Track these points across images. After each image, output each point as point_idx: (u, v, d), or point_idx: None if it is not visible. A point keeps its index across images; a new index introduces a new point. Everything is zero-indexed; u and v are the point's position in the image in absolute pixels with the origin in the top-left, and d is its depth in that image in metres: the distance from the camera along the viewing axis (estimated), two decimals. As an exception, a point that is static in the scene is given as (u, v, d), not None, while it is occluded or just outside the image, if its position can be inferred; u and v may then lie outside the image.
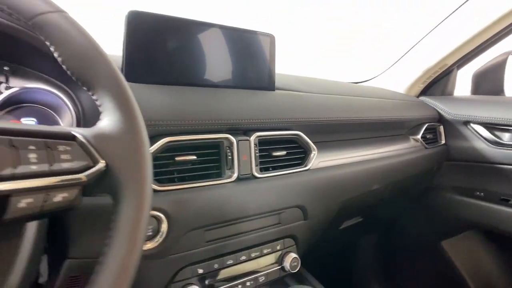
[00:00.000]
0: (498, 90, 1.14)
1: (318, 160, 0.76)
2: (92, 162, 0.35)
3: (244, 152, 0.65)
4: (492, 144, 1.05)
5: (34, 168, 0.32)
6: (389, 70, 1.24)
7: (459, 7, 1.01)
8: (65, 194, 0.34)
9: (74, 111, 0.60)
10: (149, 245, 0.54)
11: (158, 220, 0.54)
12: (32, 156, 0.32)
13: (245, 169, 0.65)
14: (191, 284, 0.60)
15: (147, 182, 0.37)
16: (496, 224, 1.05)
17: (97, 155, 0.35)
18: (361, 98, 0.96)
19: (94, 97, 0.38)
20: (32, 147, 0.32)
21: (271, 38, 0.79)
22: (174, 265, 0.58)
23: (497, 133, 1.06)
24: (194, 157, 0.60)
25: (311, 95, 0.83)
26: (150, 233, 0.54)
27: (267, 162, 0.69)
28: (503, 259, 1.12)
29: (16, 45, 0.53)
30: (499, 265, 1.12)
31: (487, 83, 1.14)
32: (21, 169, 0.31)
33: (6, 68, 0.55)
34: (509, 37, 1.04)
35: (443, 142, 1.14)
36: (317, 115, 0.78)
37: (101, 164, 0.35)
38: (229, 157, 0.63)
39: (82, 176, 0.34)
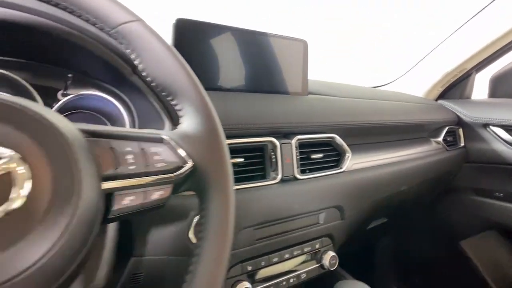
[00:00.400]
0: (515, 93, 1.17)
1: (352, 162, 0.79)
2: (181, 162, 0.37)
3: (286, 154, 0.68)
4: (511, 145, 1.08)
5: (132, 168, 0.34)
6: (406, 75, 1.27)
7: (479, 12, 1.05)
8: (161, 192, 0.36)
9: (127, 116, 0.62)
10: (205, 243, 0.57)
11: (214, 220, 0.57)
12: (130, 157, 0.35)
13: (288, 171, 0.68)
14: (241, 280, 0.62)
15: (230, 179, 0.39)
16: None
17: (185, 156, 0.38)
18: (387, 102, 0.99)
19: (173, 102, 0.40)
20: (128, 149, 0.35)
21: (304, 44, 0.82)
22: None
23: (517, 135, 1.09)
24: (242, 160, 0.63)
25: (342, 99, 0.86)
26: (207, 232, 0.57)
27: (304, 165, 0.72)
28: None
29: (80, 53, 0.56)
30: (520, 264, 1.15)
31: (505, 86, 1.18)
32: (121, 170, 0.34)
33: (69, 75, 0.58)
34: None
35: (462, 144, 1.17)
36: (350, 118, 0.81)
37: (189, 164, 0.38)
38: (273, 160, 0.66)
39: (173, 175, 0.37)
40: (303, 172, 0.71)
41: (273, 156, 0.67)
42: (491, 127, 1.12)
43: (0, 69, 0.54)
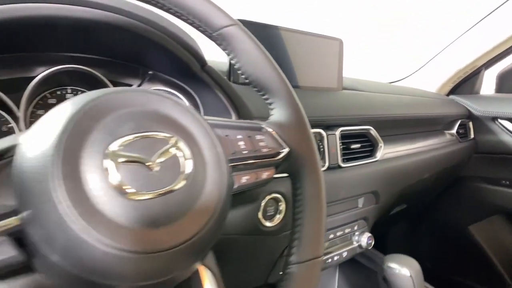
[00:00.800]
0: (520, 89, 1.26)
1: (384, 151, 0.87)
2: (279, 148, 0.44)
3: (331, 144, 0.75)
4: (518, 137, 1.18)
5: (245, 153, 0.41)
6: (419, 71, 1.35)
7: (491, 12, 1.13)
8: (268, 173, 0.43)
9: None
10: (270, 224, 0.63)
11: (277, 202, 0.64)
12: (241, 143, 0.41)
13: (333, 160, 0.75)
14: None
15: (319, 161, 0.46)
16: None
17: (282, 142, 0.44)
18: (408, 97, 1.07)
19: (265, 96, 0.47)
20: (239, 137, 0.41)
21: (340, 42, 0.89)
22: (285, 241, 0.68)
23: (523, 127, 1.18)
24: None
25: (373, 94, 0.93)
26: (272, 213, 0.64)
27: (344, 154, 0.79)
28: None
29: (154, 51, 0.61)
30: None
31: (511, 82, 1.27)
32: (237, 154, 0.40)
33: (150, 72, 0.63)
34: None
35: (472, 136, 1.26)
36: (382, 112, 0.89)
37: (286, 149, 0.44)
38: (321, 149, 0.73)
39: (276, 159, 0.43)
40: (344, 161, 0.79)
41: (321, 146, 0.73)
42: (499, 120, 1.21)
43: (81, 66, 0.59)
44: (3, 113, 0.57)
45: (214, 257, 0.44)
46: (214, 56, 0.70)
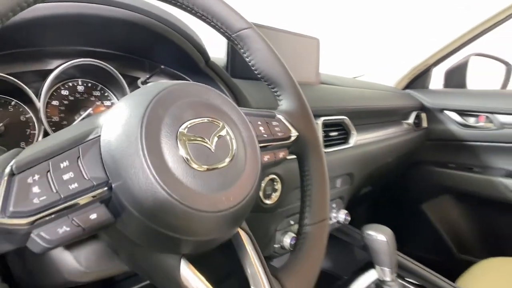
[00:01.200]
0: (462, 84, 1.46)
1: (356, 138, 0.99)
2: (290, 132, 0.53)
3: (315, 132, 0.85)
4: (462, 126, 1.37)
5: (265, 136, 0.49)
6: (379, 67, 1.51)
7: (441, 21, 1.29)
8: (283, 153, 0.51)
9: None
10: (268, 201, 0.72)
11: (274, 182, 0.73)
12: (262, 128, 0.49)
13: (316, 145, 0.85)
14: (288, 231, 0.79)
15: (321, 143, 0.55)
16: (465, 187, 1.38)
17: (291, 127, 0.53)
18: (374, 91, 1.20)
19: (274, 90, 0.55)
20: (259, 123, 0.49)
21: (317, 41, 0.99)
22: (280, 217, 0.77)
23: (465, 117, 1.37)
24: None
25: (346, 89, 1.05)
26: (269, 192, 0.72)
27: (324, 141, 0.90)
28: (472, 214, 1.45)
29: (163, 45, 0.67)
30: (469, 219, 1.45)
31: (456, 79, 1.46)
32: (260, 138, 0.48)
33: (162, 67, 0.69)
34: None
35: (425, 126, 1.43)
36: (355, 103, 1.01)
37: (295, 133, 0.53)
38: (307, 136, 0.83)
39: (288, 141, 0.52)
40: (325, 147, 0.89)
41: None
42: (446, 111, 1.39)
43: (96, 60, 0.64)
44: (21, 104, 0.60)
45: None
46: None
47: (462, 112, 1.38)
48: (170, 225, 0.33)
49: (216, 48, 0.79)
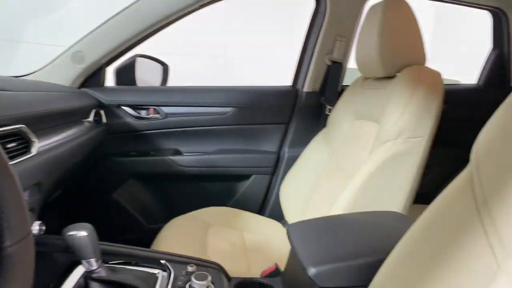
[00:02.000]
0: (132, 82, 1.68)
1: (39, 145, 0.96)
2: None
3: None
4: (136, 119, 1.60)
5: None
6: (51, 65, 1.46)
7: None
8: None
9: None
10: None
11: None
12: None
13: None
14: None
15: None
16: (145, 169, 1.66)
17: None
18: (50, 93, 1.17)
19: None
20: None
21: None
22: None
23: (138, 111, 1.61)
24: None
25: (20, 93, 0.98)
26: None
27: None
28: (153, 190, 1.75)
29: None
30: (152, 195, 1.74)
31: (125, 77, 1.65)
32: None
33: None
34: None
35: (104, 121, 1.55)
36: (33, 109, 0.96)
37: None
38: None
39: None
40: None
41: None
42: (123, 106, 1.57)
43: None
44: None
45: None
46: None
47: (135, 106, 1.61)
48: None
49: None
